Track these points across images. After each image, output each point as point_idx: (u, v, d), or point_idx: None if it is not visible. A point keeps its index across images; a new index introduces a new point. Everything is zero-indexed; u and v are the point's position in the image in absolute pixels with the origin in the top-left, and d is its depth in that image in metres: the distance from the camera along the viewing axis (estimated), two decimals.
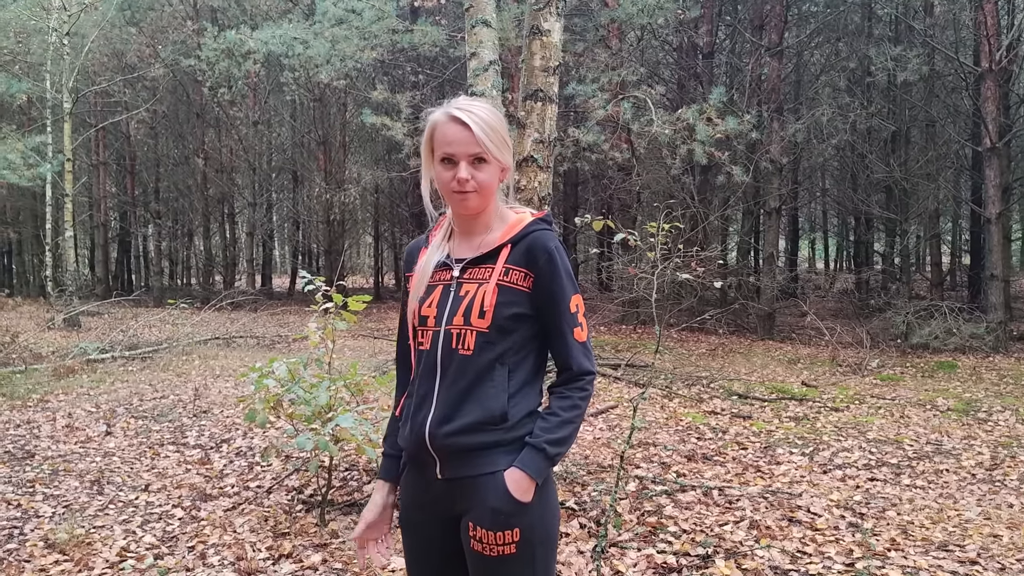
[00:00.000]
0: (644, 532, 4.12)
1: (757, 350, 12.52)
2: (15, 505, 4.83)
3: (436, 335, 1.70)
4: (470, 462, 1.66)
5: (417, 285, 1.75)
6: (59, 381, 9.47)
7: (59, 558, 4.01)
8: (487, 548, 1.64)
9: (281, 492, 5.05)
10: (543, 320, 1.71)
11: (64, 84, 16.54)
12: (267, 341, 14.04)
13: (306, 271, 5.40)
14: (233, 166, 25.19)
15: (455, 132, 1.65)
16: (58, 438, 6.59)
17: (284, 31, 14.11)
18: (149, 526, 4.45)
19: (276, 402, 4.67)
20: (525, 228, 1.73)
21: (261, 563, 3.84)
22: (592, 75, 11.85)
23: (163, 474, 5.52)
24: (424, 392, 1.70)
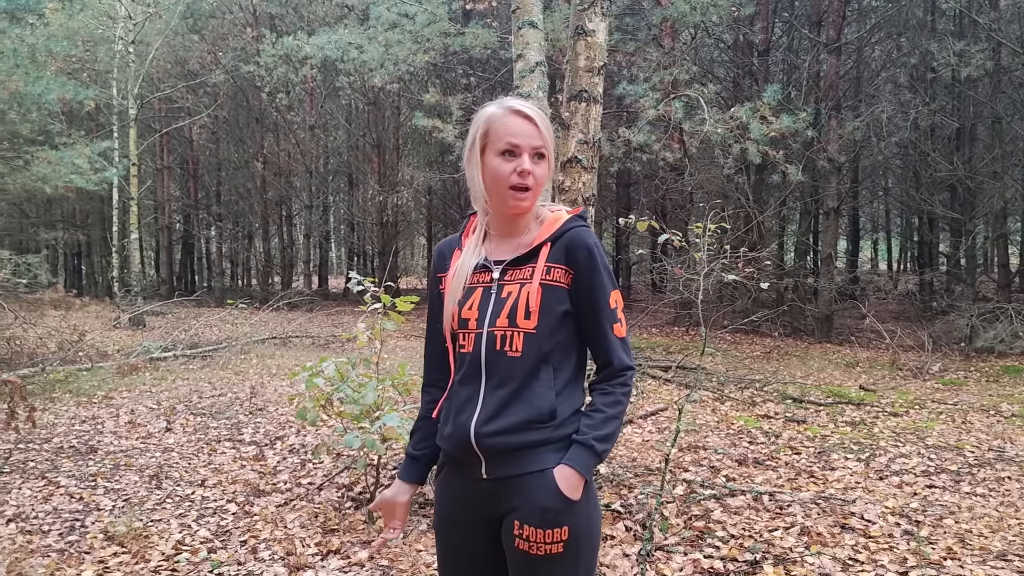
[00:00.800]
0: (691, 536, 4.08)
1: (814, 353, 12.26)
2: (77, 498, 5.01)
3: (479, 337, 1.69)
4: (517, 461, 1.66)
5: (454, 288, 1.74)
6: (123, 379, 9.79)
7: (117, 550, 4.15)
8: (534, 547, 1.63)
9: (331, 489, 5.13)
10: (582, 316, 1.70)
11: (129, 91, 17.11)
12: (322, 341, 14.28)
13: (358, 272, 5.48)
14: (291, 169, 25.72)
15: (520, 125, 1.65)
16: (120, 434, 6.81)
17: (339, 36, 14.35)
18: (204, 520, 4.58)
19: (326, 401, 4.75)
20: (563, 225, 1.72)
21: (310, 559, 3.92)
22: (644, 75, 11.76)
23: (219, 470, 5.66)
24: (468, 394, 1.70)
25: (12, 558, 3.97)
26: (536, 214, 1.78)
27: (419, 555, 3.90)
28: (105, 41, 18.46)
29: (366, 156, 24.95)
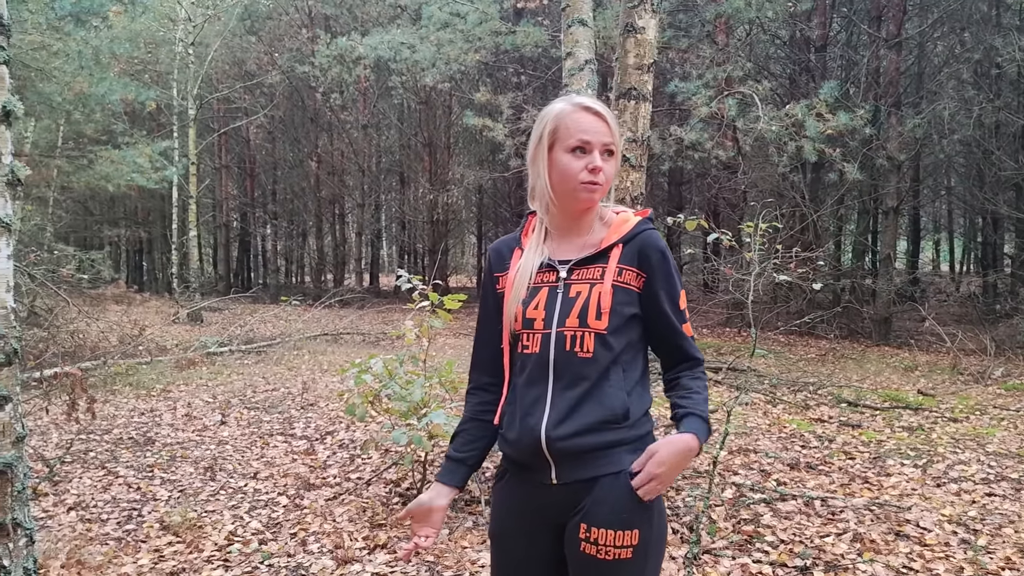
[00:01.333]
0: (740, 540, 4.01)
1: (871, 356, 11.96)
2: (135, 488, 5.16)
3: (547, 338, 1.65)
4: (590, 463, 1.62)
5: (518, 287, 1.70)
6: (180, 373, 10.05)
7: (172, 539, 4.26)
8: (602, 551, 1.58)
9: (379, 484, 5.18)
10: (655, 318, 1.68)
11: (189, 91, 17.56)
12: (372, 338, 14.45)
13: (408, 270, 5.53)
14: (344, 168, 26.10)
15: (591, 121, 1.63)
16: (177, 426, 6.99)
17: (392, 36, 14.51)
18: (256, 512, 4.67)
19: (374, 397, 4.81)
20: (635, 228, 1.70)
21: (357, 552, 3.96)
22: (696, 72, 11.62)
23: (271, 463, 5.77)
24: (535, 396, 1.65)
25: (72, 545, 4.11)
26: (599, 214, 1.75)
27: (464, 552, 3.91)
28: (166, 43, 18.98)
29: (417, 155, 25.18)
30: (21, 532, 2.06)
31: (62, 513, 4.67)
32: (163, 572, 3.80)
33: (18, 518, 2.04)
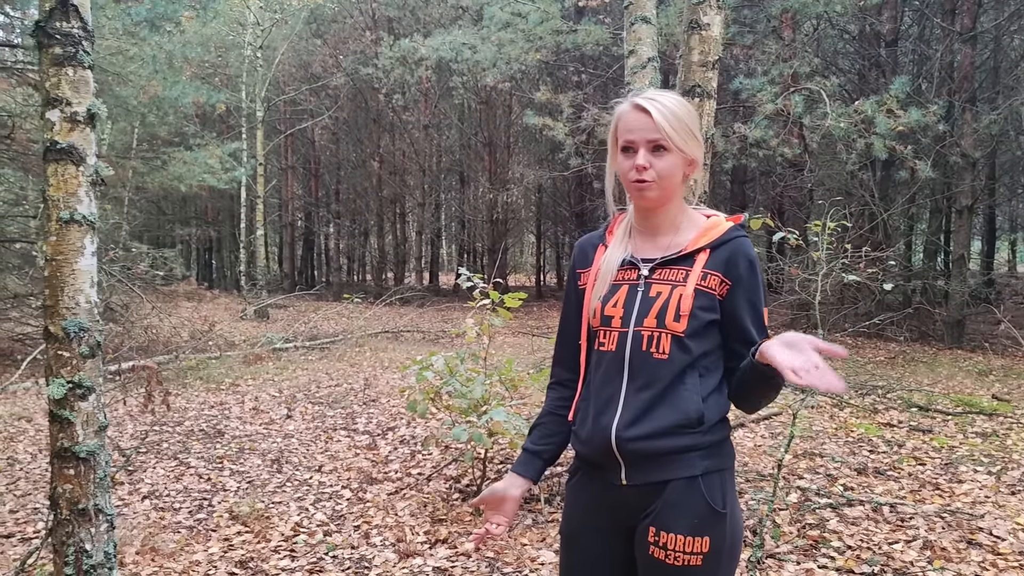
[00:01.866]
0: (804, 546, 3.94)
1: (943, 359, 11.56)
2: (206, 479, 5.32)
3: (623, 336, 1.63)
4: (662, 466, 1.59)
5: (599, 283, 1.69)
6: (248, 367, 10.32)
7: (241, 529, 4.38)
8: (671, 556, 1.56)
9: (440, 480, 5.24)
10: (732, 328, 1.63)
11: (257, 94, 18.01)
12: (432, 336, 14.59)
13: (466, 269, 5.57)
14: (405, 168, 26.41)
15: (636, 119, 1.61)
16: (245, 419, 7.19)
17: (454, 37, 14.63)
18: (320, 504, 4.77)
19: (435, 394, 4.86)
20: (725, 234, 1.65)
21: (419, 546, 4.02)
22: (762, 68, 11.40)
23: (335, 457, 5.89)
24: (608, 394, 1.64)
25: (147, 532, 4.26)
26: (689, 214, 1.72)
27: (524, 549, 3.93)
28: (235, 47, 19.48)
29: (477, 154, 25.32)
30: (102, 517, 2.15)
31: (136, 501, 4.85)
32: (232, 561, 3.91)
33: (100, 504, 2.14)
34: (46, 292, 2.05)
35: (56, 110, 2.04)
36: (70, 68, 2.05)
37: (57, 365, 2.06)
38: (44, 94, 2.06)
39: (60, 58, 2.04)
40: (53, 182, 2.05)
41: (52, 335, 2.06)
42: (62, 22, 2.03)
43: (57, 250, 2.06)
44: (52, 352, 2.07)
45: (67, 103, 2.04)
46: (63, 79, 2.05)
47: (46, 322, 2.06)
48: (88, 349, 2.08)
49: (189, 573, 3.77)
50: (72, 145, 2.04)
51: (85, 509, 2.08)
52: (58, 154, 2.04)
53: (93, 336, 2.10)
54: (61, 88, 2.05)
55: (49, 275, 2.07)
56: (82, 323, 2.08)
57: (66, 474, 2.07)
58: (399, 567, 3.79)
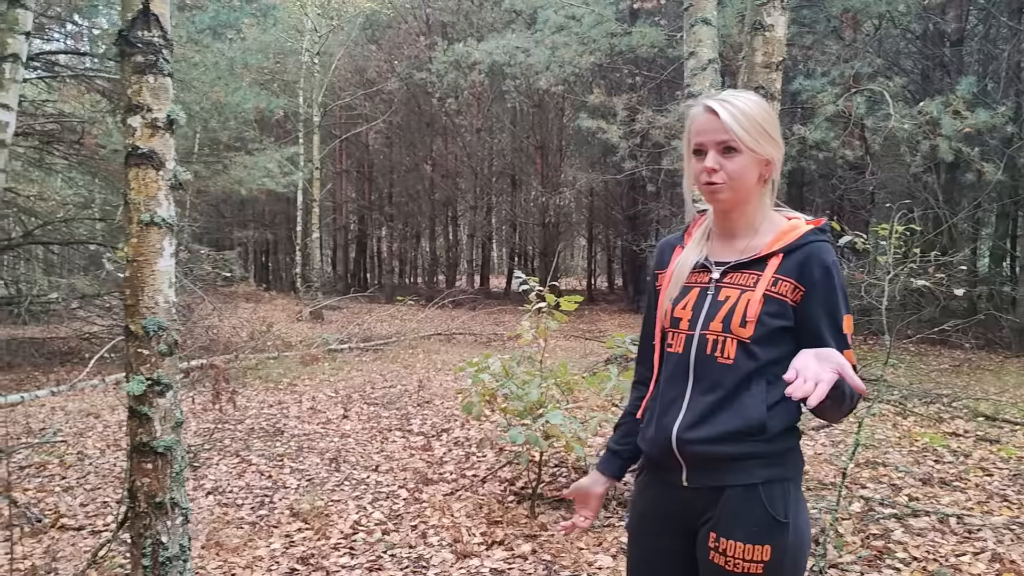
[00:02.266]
0: (869, 556, 3.85)
1: (1011, 368, 11.17)
2: (267, 476, 5.44)
3: (690, 339, 1.63)
4: (722, 472, 1.59)
5: (672, 285, 1.70)
6: (305, 368, 10.50)
7: (301, 526, 4.46)
8: (730, 563, 1.56)
9: (494, 482, 5.26)
10: (810, 336, 1.58)
11: (314, 99, 18.34)
12: (484, 339, 14.65)
13: (521, 272, 5.58)
14: (457, 171, 26.59)
15: (705, 121, 1.60)
16: (303, 419, 7.32)
17: (507, 41, 14.70)
18: (378, 503, 4.83)
19: (491, 396, 4.88)
20: (801, 238, 1.61)
21: (476, 547, 4.04)
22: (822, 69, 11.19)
23: (390, 457, 5.95)
24: (673, 396, 1.65)
25: (211, 527, 4.37)
26: (768, 217, 1.68)
27: (580, 553, 3.92)
28: (293, 53, 19.88)
29: (529, 158, 25.36)
30: (178, 511, 2.22)
31: (201, 497, 4.98)
32: (294, 557, 3.99)
33: (175, 498, 2.21)
34: (126, 292, 2.13)
35: (138, 116, 2.12)
36: (151, 75, 2.12)
37: (137, 362, 2.13)
38: (126, 101, 2.14)
39: (142, 66, 2.12)
40: (134, 186, 2.13)
41: (132, 333, 2.14)
42: (143, 31, 2.10)
43: (138, 251, 2.14)
44: (132, 350, 2.14)
45: (148, 109, 2.12)
46: (144, 86, 2.13)
47: (126, 321, 2.14)
48: (166, 347, 2.16)
49: (253, 568, 3.85)
50: (152, 150, 2.12)
51: (162, 503, 2.15)
52: (139, 159, 2.12)
53: (171, 335, 2.17)
54: (142, 95, 2.12)
55: (130, 276, 2.15)
56: (161, 322, 2.16)
57: (144, 468, 2.14)
58: (456, 567, 3.82)
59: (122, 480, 5.43)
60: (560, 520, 4.41)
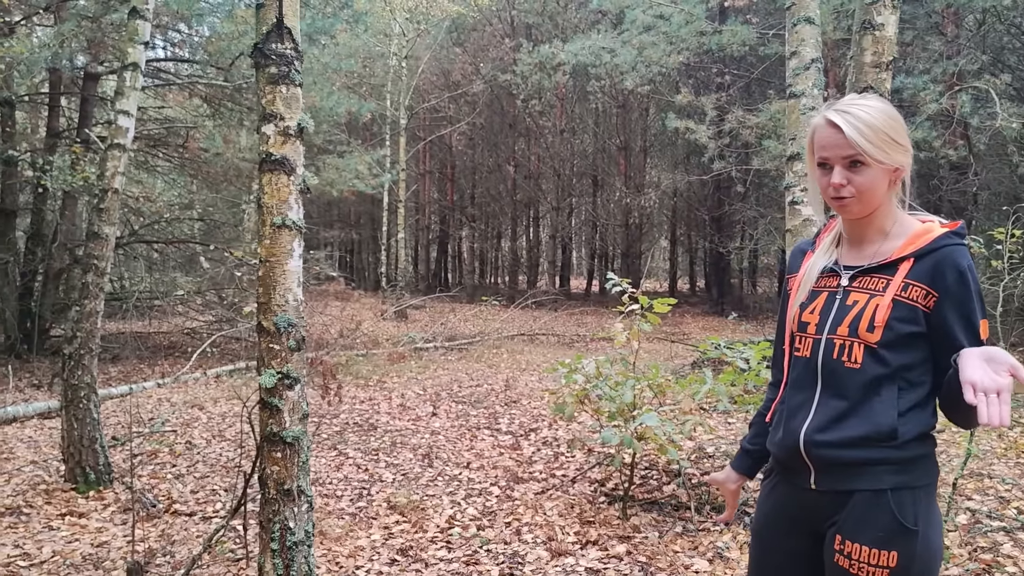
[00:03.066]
0: (977, 569, 3.72)
1: None
2: (363, 469, 5.61)
3: (817, 343, 1.64)
4: (851, 476, 1.58)
5: (800, 289, 1.72)
6: (392, 365, 10.74)
7: (399, 519, 4.59)
8: (855, 566, 1.55)
9: (584, 483, 5.29)
10: (945, 342, 1.54)
11: (401, 102, 18.71)
12: (567, 339, 14.68)
13: (599, 273, 5.59)
14: (539, 172, 26.69)
15: (828, 136, 1.58)
16: (394, 415, 7.50)
17: (592, 42, 14.68)
18: (471, 500, 4.92)
19: (584, 396, 4.92)
20: (933, 242, 1.56)
21: (570, 546, 4.08)
22: (923, 66, 10.79)
23: (480, 455, 6.05)
24: (801, 400, 1.66)
25: (315, 517, 4.54)
26: (900, 220, 1.64)
27: (676, 556, 3.91)
28: (380, 57, 20.33)
29: (612, 158, 25.25)
30: (303, 498, 2.34)
31: None
32: (393, 548, 4.11)
33: (302, 486, 2.33)
34: (259, 291, 2.26)
35: (271, 124, 2.25)
36: (283, 86, 2.25)
37: (268, 357, 2.26)
38: (260, 110, 2.27)
39: (275, 77, 2.24)
40: (267, 190, 2.25)
41: (264, 329, 2.26)
42: (277, 43, 2.22)
43: (270, 252, 2.26)
44: (264, 345, 2.27)
45: (280, 118, 2.24)
46: (277, 96, 2.25)
47: (259, 318, 2.27)
48: (295, 343, 2.27)
49: (355, 557, 3.99)
50: (285, 156, 2.24)
51: (290, 490, 2.27)
52: (272, 165, 2.24)
53: (299, 331, 2.29)
54: (276, 104, 2.25)
55: (262, 275, 2.28)
56: (290, 319, 2.28)
57: (274, 457, 2.27)
58: (551, 565, 3.86)
59: (228, 469, 5.70)
60: (652, 523, 4.40)
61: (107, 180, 5.12)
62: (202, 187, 13.89)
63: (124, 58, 5.15)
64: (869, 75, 3.49)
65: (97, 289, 5.11)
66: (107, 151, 5.16)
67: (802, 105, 4.17)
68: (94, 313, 5.13)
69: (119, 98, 5.20)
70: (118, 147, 5.15)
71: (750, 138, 11.44)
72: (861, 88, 3.51)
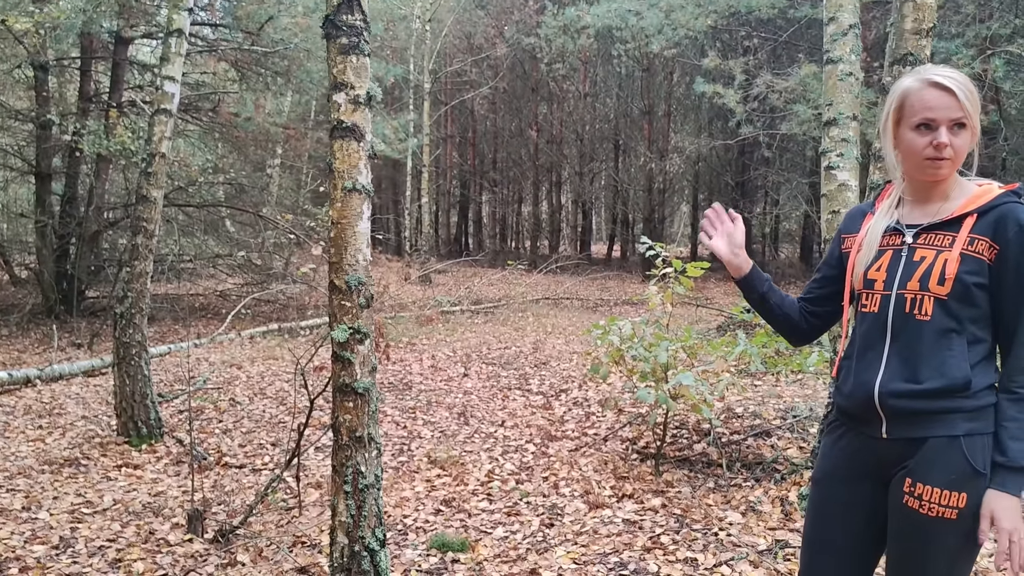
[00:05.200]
0: None
1: None
2: (402, 426, 5.80)
3: (886, 299, 1.71)
4: (923, 424, 1.65)
5: (865, 250, 1.78)
6: (420, 328, 10.93)
7: (440, 472, 4.78)
8: (925, 506, 1.62)
9: (616, 441, 5.45)
10: (1004, 296, 1.64)
11: (425, 66, 18.69)
12: (590, 304, 14.80)
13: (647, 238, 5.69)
14: (562, 137, 26.60)
15: (936, 97, 1.64)
16: (426, 375, 7.69)
17: (619, 4, 14.57)
18: (508, 456, 5.10)
19: (619, 357, 5.05)
20: (995, 199, 1.67)
21: (607, 499, 4.25)
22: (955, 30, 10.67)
23: (513, 414, 6.23)
24: (872, 354, 1.72)
25: None
26: (959, 183, 1.75)
27: (710, 508, 4.07)
28: (403, 20, 20.25)
29: (635, 123, 25.11)
30: (373, 445, 2.49)
31: None
32: (437, 499, 4.30)
33: (372, 433, 2.48)
34: (331, 251, 2.39)
35: (342, 93, 2.36)
36: (353, 56, 2.35)
37: (340, 313, 2.40)
38: (331, 79, 2.38)
39: (346, 47, 2.35)
40: (339, 156, 2.37)
41: (336, 287, 2.40)
42: (348, 15, 2.33)
43: (341, 215, 2.39)
44: (336, 302, 2.41)
45: (351, 87, 2.35)
46: (348, 66, 2.36)
47: (330, 276, 2.41)
48: (365, 300, 2.41)
49: (402, 506, 4.19)
50: (355, 124, 2.36)
51: (361, 437, 2.43)
52: (343, 132, 2.36)
53: (368, 289, 2.43)
54: (346, 74, 2.36)
55: (335, 236, 2.41)
56: (360, 278, 2.41)
57: (346, 406, 2.42)
58: (590, 516, 4.04)
59: (273, 425, 5.91)
60: (685, 479, 4.56)
61: (154, 145, 5.27)
62: (231, 151, 14.04)
63: (171, 24, 5.26)
64: (909, 42, 3.54)
65: (147, 251, 5.29)
66: (154, 116, 5.30)
67: (839, 71, 4.21)
68: (144, 274, 5.31)
69: (164, 64, 5.33)
70: (165, 112, 5.28)
71: (778, 103, 11.40)
72: (901, 55, 3.56)
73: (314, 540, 3.76)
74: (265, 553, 3.61)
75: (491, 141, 30.75)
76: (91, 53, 11.73)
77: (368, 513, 2.45)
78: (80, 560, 3.55)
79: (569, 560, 3.48)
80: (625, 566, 3.40)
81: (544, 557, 3.52)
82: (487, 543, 3.69)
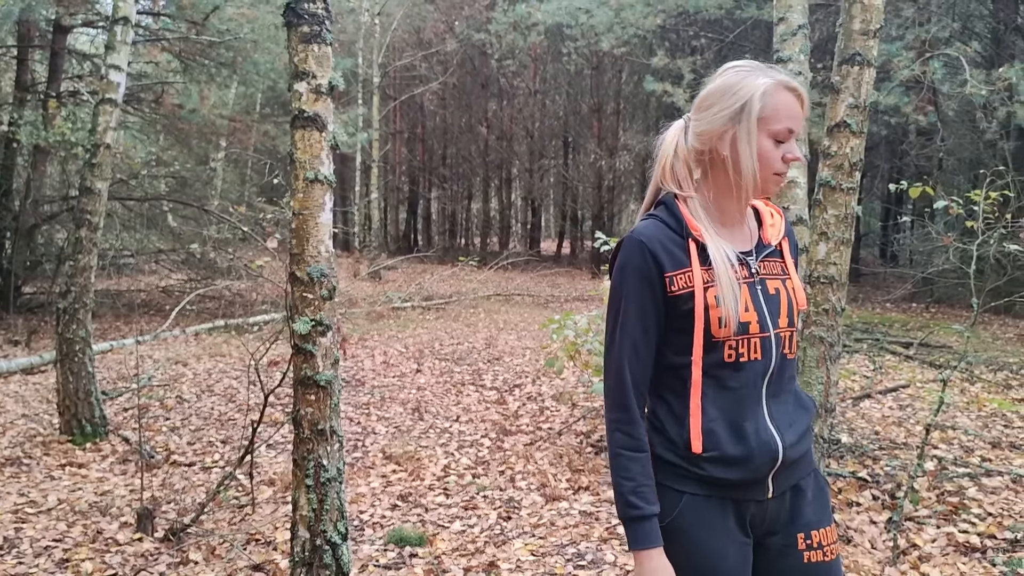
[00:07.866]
0: (944, 511, 3.99)
1: None
2: (356, 422, 5.75)
3: (766, 341, 1.45)
4: (798, 468, 1.50)
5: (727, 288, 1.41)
6: (372, 324, 10.85)
7: (395, 468, 4.76)
8: (828, 551, 1.50)
9: (570, 435, 5.49)
10: None
11: (374, 60, 18.50)
12: (541, 300, 14.86)
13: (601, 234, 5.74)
14: (512, 134, 26.61)
15: (793, 105, 1.43)
16: (378, 371, 7.63)
17: (569, 2, 14.66)
18: (464, 450, 5.10)
19: (575, 351, 5.10)
20: (784, 219, 1.59)
21: (563, 492, 4.28)
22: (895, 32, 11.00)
23: (468, 409, 6.23)
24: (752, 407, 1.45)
25: None
26: None
27: None
28: (351, 13, 20.00)
29: (585, 120, 25.25)
30: (335, 438, 2.47)
31: None
32: (393, 495, 4.28)
33: (333, 426, 2.46)
34: (292, 242, 2.36)
35: (303, 82, 2.33)
36: (315, 45, 2.33)
37: (302, 305, 2.37)
38: (292, 68, 2.35)
39: (307, 36, 2.32)
40: (300, 146, 2.34)
41: (298, 279, 2.37)
42: (309, 3, 2.30)
43: (303, 205, 2.36)
44: (297, 294, 2.38)
45: (313, 76, 2.32)
46: (310, 55, 2.33)
47: (291, 268, 2.38)
48: (327, 292, 2.39)
49: (358, 502, 4.15)
50: (317, 114, 2.33)
51: (323, 430, 2.41)
52: (304, 121, 2.33)
53: (331, 280, 2.40)
54: (308, 63, 2.33)
55: (296, 227, 2.38)
56: (323, 269, 2.39)
57: (308, 399, 2.39)
58: (547, 508, 4.06)
59: (223, 422, 5.80)
60: None
61: (99, 135, 5.12)
62: (174, 143, 13.69)
63: (116, 12, 5.12)
64: (857, 42, 3.64)
65: (91, 244, 5.14)
66: (98, 106, 5.15)
67: (789, 70, 4.31)
68: (88, 268, 5.16)
69: (110, 52, 5.18)
70: (109, 102, 5.14)
71: None
72: (849, 55, 3.66)
73: (269, 537, 3.70)
74: (218, 551, 3.54)
75: (441, 137, 30.60)
76: (28, 41, 11.33)
77: (330, 507, 2.43)
78: (26, 560, 3.44)
79: (527, 552, 3.50)
80: (583, 556, 3.44)
81: (502, 549, 3.54)
82: (445, 537, 3.69)
